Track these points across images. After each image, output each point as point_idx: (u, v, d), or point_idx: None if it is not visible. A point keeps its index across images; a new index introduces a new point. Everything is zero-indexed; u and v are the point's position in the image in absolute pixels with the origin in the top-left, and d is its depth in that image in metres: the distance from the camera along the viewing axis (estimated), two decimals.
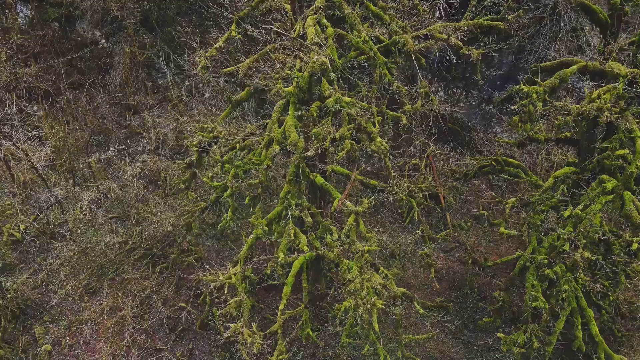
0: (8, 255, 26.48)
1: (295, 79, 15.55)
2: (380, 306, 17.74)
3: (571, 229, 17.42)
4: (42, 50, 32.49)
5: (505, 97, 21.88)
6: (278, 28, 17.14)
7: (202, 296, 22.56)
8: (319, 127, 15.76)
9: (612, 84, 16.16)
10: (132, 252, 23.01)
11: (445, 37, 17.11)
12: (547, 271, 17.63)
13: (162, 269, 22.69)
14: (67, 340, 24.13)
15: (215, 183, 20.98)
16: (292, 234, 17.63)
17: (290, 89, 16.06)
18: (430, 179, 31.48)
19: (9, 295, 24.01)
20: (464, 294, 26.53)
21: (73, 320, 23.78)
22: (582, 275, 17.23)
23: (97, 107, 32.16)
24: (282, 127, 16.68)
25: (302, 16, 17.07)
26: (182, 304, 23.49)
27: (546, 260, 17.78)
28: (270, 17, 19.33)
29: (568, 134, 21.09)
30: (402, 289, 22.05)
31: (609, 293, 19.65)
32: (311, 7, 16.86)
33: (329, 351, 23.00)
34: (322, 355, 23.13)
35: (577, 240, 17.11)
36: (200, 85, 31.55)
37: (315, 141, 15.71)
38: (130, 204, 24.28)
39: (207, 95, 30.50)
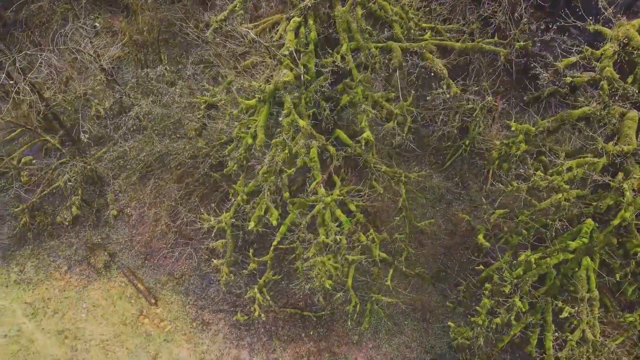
0: (93, 129, 31.84)
1: (258, 94, 15.92)
2: (328, 287, 20.05)
3: (521, 273, 17.24)
4: None
5: (536, 96, 19.87)
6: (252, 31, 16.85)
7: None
8: (278, 138, 16.58)
9: (591, 159, 14.16)
10: (169, 161, 26.72)
11: (431, 59, 15.72)
12: (485, 301, 18.10)
13: (189, 183, 26.34)
14: (129, 211, 30.08)
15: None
16: (263, 209, 19.67)
17: (252, 102, 16.54)
18: (482, 128, 30.06)
19: (89, 167, 29.79)
20: (468, 255, 27.15)
21: (128, 199, 29.26)
22: (513, 317, 17.54)
23: None
24: (255, 124, 17.59)
25: (287, 15, 16.59)
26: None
27: (487, 292, 18.07)
28: None
29: None
30: (384, 255, 23.68)
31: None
32: (298, 6, 16.31)
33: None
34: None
35: (520, 287, 17.07)
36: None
37: (272, 150, 16.72)
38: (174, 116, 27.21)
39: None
